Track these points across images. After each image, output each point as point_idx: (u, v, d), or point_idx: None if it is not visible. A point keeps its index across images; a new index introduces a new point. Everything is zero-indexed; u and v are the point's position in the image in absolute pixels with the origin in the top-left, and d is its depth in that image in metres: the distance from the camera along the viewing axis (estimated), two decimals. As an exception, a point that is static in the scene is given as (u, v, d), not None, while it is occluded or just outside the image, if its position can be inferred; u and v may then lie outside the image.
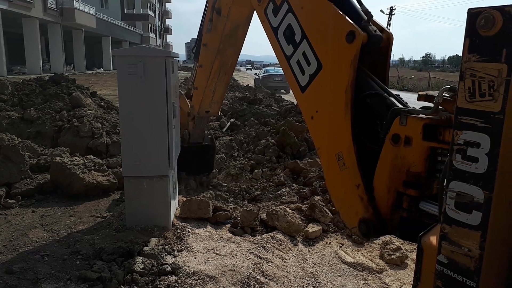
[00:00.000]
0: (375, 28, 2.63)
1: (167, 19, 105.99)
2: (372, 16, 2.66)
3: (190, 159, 6.67)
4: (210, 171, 7.09)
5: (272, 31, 3.18)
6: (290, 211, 4.97)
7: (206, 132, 6.98)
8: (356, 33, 2.44)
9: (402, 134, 2.21)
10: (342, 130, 2.56)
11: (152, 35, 78.57)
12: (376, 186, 2.41)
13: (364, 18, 2.64)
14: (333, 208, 5.27)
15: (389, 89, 2.58)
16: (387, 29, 2.69)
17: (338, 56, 2.56)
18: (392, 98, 2.49)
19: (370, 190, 2.42)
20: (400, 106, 2.43)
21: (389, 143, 2.29)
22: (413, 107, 2.34)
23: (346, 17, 2.53)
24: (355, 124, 2.54)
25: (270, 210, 4.99)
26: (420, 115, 2.17)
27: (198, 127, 6.65)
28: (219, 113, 6.63)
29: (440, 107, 2.11)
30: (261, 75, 32.19)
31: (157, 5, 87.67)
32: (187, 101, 6.53)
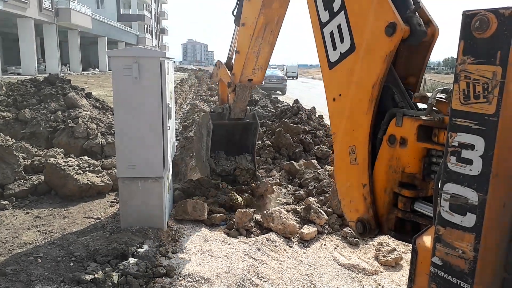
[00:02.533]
0: (420, 22, 2.36)
1: (163, 20, 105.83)
2: (420, 7, 2.38)
3: (230, 137, 6.24)
4: (251, 154, 6.51)
5: None
6: (285, 212, 4.96)
7: (248, 107, 6.23)
8: (397, 26, 2.21)
9: (397, 135, 2.22)
10: (360, 125, 2.44)
11: (148, 36, 78.41)
12: (374, 186, 2.42)
13: (411, 7, 2.36)
14: (329, 210, 5.27)
15: (402, 85, 2.41)
16: (434, 23, 2.44)
17: (373, 46, 2.35)
18: (400, 96, 2.39)
19: (374, 192, 2.42)
20: (405, 105, 2.37)
21: (385, 143, 2.29)
22: (421, 108, 2.31)
23: (391, 4, 2.27)
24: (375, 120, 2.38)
25: (265, 212, 4.99)
26: (415, 116, 2.17)
27: (240, 99, 5.90)
28: (262, 82, 5.85)
29: (434, 108, 2.11)
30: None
31: (153, 6, 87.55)
32: (228, 71, 5.91)
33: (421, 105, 2.39)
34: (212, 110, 6.53)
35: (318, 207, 5.19)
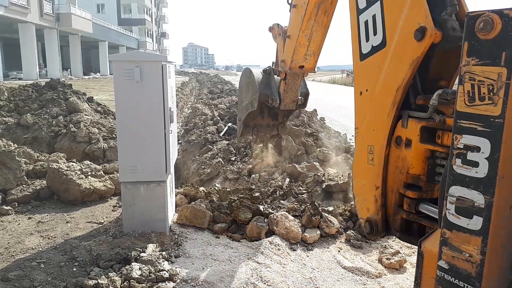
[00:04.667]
0: (456, 26, 2.18)
1: (163, 24, 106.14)
2: (456, 10, 2.20)
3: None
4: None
5: None
6: (291, 217, 4.94)
7: (300, 97, 5.56)
8: (427, 32, 2.08)
9: (403, 136, 2.22)
10: (380, 127, 2.38)
11: (148, 40, 78.63)
12: (385, 188, 2.42)
13: (447, 9, 2.18)
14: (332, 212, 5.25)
15: (419, 86, 2.32)
16: None
17: (401, 48, 2.24)
18: (414, 97, 2.30)
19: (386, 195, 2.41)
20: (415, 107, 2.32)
21: (393, 144, 2.29)
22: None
23: (425, 3, 2.13)
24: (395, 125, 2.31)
25: (271, 215, 4.97)
26: (419, 118, 2.17)
27: (291, 89, 5.33)
28: (315, 70, 5.11)
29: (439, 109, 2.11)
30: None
31: (154, 10, 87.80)
32: (282, 47, 5.17)
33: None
34: (265, 70, 5.52)
35: (328, 212, 5.16)
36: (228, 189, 6.48)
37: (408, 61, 2.18)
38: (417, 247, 1.89)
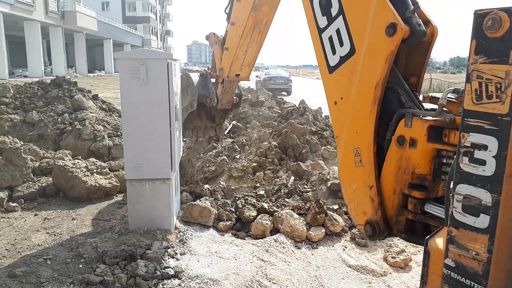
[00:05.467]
0: (420, 22, 2.38)
1: (168, 22, 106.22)
2: (419, 7, 2.40)
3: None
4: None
5: None
6: (296, 215, 4.94)
7: (235, 97, 6.36)
8: (398, 26, 2.21)
9: (407, 136, 2.20)
10: (364, 126, 2.43)
11: (153, 37, 78.74)
12: (382, 187, 2.40)
13: (410, 8, 2.37)
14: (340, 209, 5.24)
15: (406, 86, 2.41)
16: (432, 22, 2.44)
17: (374, 47, 2.35)
18: (407, 96, 2.38)
19: (381, 193, 2.40)
20: (412, 105, 2.36)
21: (394, 144, 2.27)
22: (428, 109, 2.30)
23: (390, 5, 2.29)
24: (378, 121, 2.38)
25: (275, 213, 4.97)
26: (425, 117, 2.16)
27: (227, 92, 6.06)
28: (249, 78, 5.93)
29: (444, 108, 2.10)
30: (262, 77, 32.20)
31: (158, 7, 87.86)
32: (220, 52, 5.90)
33: (426, 105, 2.38)
34: (202, 73, 6.26)
35: (333, 210, 5.15)
36: (233, 187, 6.49)
37: (383, 57, 2.28)
38: (422, 246, 1.89)
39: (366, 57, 2.40)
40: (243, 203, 5.34)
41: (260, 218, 4.91)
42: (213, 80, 6.11)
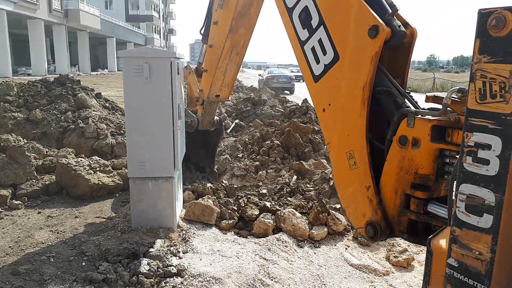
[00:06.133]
0: (399, 23, 2.48)
1: (171, 20, 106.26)
2: (397, 10, 2.50)
3: (193, 143, 6.41)
4: (212, 155, 6.99)
5: (286, 11, 2.91)
6: (298, 214, 4.94)
7: (216, 118, 6.64)
8: (380, 28, 2.28)
9: (409, 136, 2.19)
10: (356, 128, 2.45)
11: (156, 36, 78.80)
12: (382, 188, 2.39)
13: (388, 11, 2.46)
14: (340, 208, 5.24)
15: (400, 87, 2.45)
16: (411, 24, 2.54)
17: (357, 51, 2.40)
18: (402, 97, 2.41)
19: (379, 192, 2.40)
20: (410, 106, 2.38)
21: (396, 144, 2.27)
22: (423, 108, 2.30)
23: (370, 9, 2.36)
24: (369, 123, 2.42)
25: (278, 212, 4.97)
26: (428, 116, 2.15)
27: (208, 113, 6.28)
28: (229, 98, 6.20)
29: (448, 108, 2.09)
30: (265, 76, 32.21)
31: (161, 6, 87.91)
32: (196, 80, 6.19)
33: (429, 105, 2.38)
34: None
35: (335, 209, 5.15)
36: (235, 186, 6.50)
37: (368, 59, 2.33)
38: (425, 246, 1.88)
39: (351, 61, 2.46)
40: (245, 201, 5.34)
41: (262, 217, 4.91)
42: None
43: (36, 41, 33.60)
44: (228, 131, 11.14)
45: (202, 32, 5.76)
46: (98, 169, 6.23)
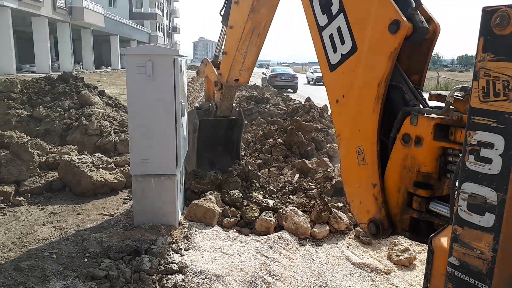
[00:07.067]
0: (422, 19, 2.38)
1: (174, 18, 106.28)
2: (421, 4, 2.40)
3: (216, 133, 6.31)
4: (237, 152, 6.69)
5: None
6: (300, 212, 4.94)
7: (234, 105, 6.42)
8: (401, 23, 2.21)
9: (412, 134, 2.19)
10: (368, 124, 2.41)
11: (160, 34, 78.81)
12: (386, 185, 2.39)
13: (412, 5, 2.37)
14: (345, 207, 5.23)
15: (410, 83, 2.39)
16: (435, 20, 2.45)
17: (376, 44, 2.34)
18: (411, 94, 2.37)
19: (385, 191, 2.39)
20: (416, 103, 2.35)
21: (399, 142, 2.26)
22: (432, 107, 2.29)
23: (393, 2, 2.28)
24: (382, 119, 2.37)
25: (280, 210, 4.97)
26: (431, 115, 2.14)
27: (226, 98, 6.06)
28: (248, 83, 6.03)
29: (451, 106, 2.08)
30: (268, 74, 32.21)
31: (165, 4, 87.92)
32: (214, 69, 6.03)
33: (432, 103, 2.37)
34: (198, 106, 6.54)
35: (337, 208, 5.14)
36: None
37: (387, 55, 2.27)
38: (426, 244, 1.88)
39: (369, 55, 2.39)
40: (247, 200, 5.33)
41: (264, 215, 4.91)
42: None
43: (40, 39, 33.66)
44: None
45: (222, 13, 5.56)
46: (101, 166, 6.24)
